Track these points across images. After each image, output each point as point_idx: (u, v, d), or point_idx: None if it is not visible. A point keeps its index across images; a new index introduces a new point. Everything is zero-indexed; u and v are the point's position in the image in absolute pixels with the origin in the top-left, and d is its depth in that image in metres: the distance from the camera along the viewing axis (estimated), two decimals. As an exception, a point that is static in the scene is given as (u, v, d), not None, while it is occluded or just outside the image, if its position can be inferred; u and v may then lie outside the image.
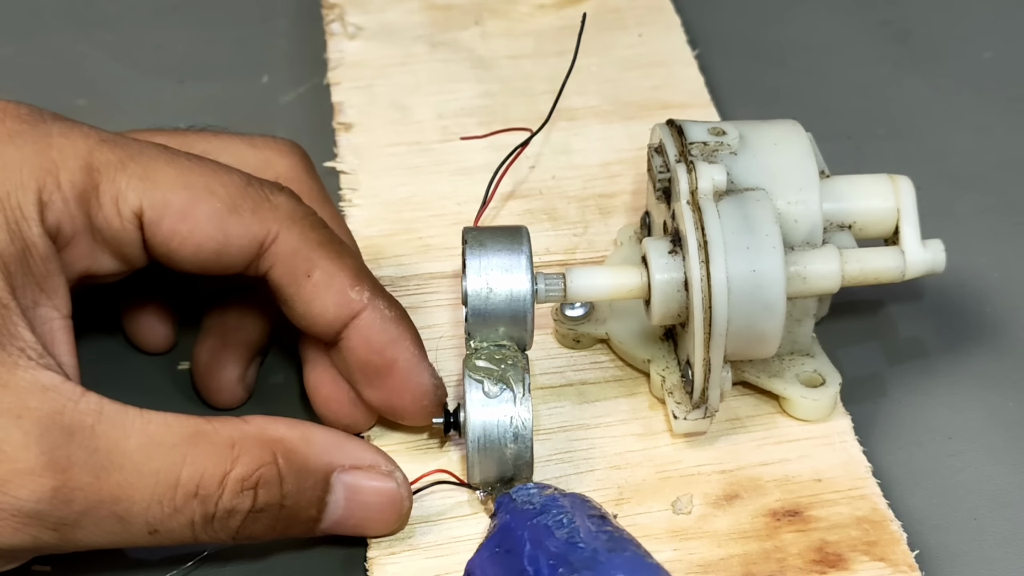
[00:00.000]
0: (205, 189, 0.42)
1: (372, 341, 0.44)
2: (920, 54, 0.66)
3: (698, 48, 0.64)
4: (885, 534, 0.44)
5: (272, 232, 0.43)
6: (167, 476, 0.39)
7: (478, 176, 0.55)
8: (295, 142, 0.49)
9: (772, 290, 0.43)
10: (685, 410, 0.46)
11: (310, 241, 0.43)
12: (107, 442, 0.38)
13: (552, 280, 0.45)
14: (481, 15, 0.66)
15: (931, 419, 0.49)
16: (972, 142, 0.60)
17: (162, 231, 0.42)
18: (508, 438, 0.43)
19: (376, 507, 0.42)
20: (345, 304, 0.43)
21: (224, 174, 0.43)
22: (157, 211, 0.42)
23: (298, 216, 0.44)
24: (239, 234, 0.43)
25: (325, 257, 0.43)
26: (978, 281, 0.54)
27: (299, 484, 0.41)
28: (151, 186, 0.42)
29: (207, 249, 0.43)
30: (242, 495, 0.40)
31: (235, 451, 0.40)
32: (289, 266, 0.43)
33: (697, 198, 0.44)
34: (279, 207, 0.43)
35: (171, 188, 0.42)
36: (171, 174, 0.42)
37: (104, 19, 0.68)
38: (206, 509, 0.39)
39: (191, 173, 0.43)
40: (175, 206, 0.42)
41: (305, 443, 0.41)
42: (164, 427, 0.39)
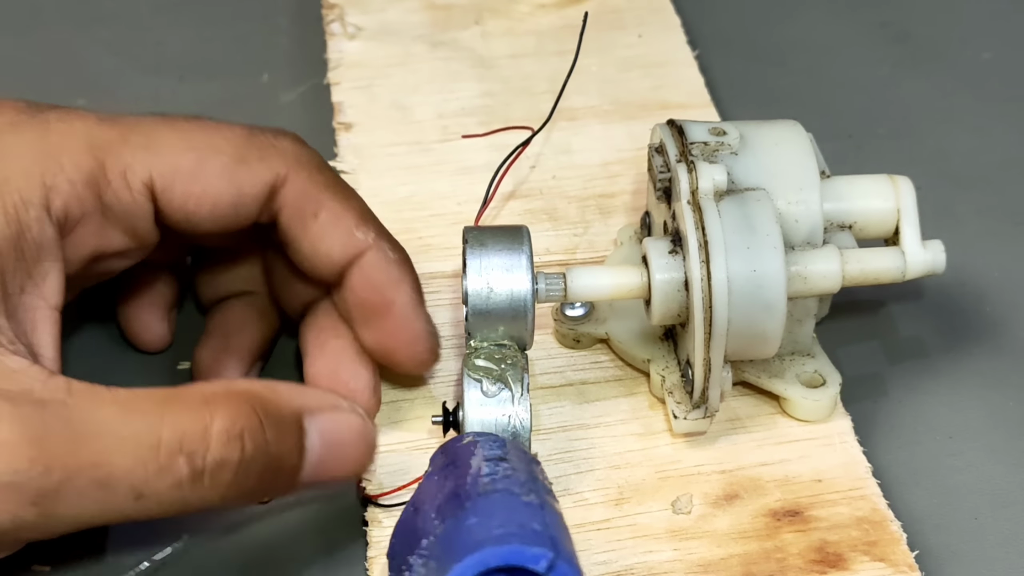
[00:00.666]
0: (210, 147, 0.43)
1: (373, 280, 0.44)
2: (920, 55, 0.66)
3: (698, 48, 0.64)
4: (885, 534, 0.44)
5: (281, 175, 0.44)
6: (147, 436, 0.38)
7: (478, 176, 0.55)
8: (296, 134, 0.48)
9: (773, 290, 0.43)
10: (685, 410, 0.46)
11: (317, 183, 0.44)
12: (81, 412, 0.38)
13: (552, 280, 0.45)
14: (481, 15, 0.66)
15: (931, 419, 0.49)
16: (972, 142, 0.60)
17: (176, 196, 0.43)
18: (506, 437, 0.43)
19: (349, 443, 0.42)
20: (350, 243, 0.44)
21: (226, 129, 0.44)
22: (167, 177, 0.42)
23: (304, 159, 0.44)
24: (251, 183, 0.43)
25: (332, 198, 0.44)
26: (978, 281, 0.54)
27: (278, 431, 0.40)
28: (156, 154, 0.42)
29: (223, 204, 0.43)
30: (230, 445, 0.39)
31: (210, 407, 0.39)
32: (297, 207, 0.44)
33: (698, 198, 0.44)
34: (285, 151, 0.44)
35: (177, 152, 0.43)
36: (174, 139, 0.43)
37: (104, 16, 0.68)
38: (194, 464, 0.38)
39: (193, 134, 0.43)
40: (184, 169, 0.43)
41: (273, 392, 0.41)
42: (135, 396, 0.39)
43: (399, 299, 0.45)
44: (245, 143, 0.44)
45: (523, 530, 0.35)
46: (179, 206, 0.43)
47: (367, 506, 0.45)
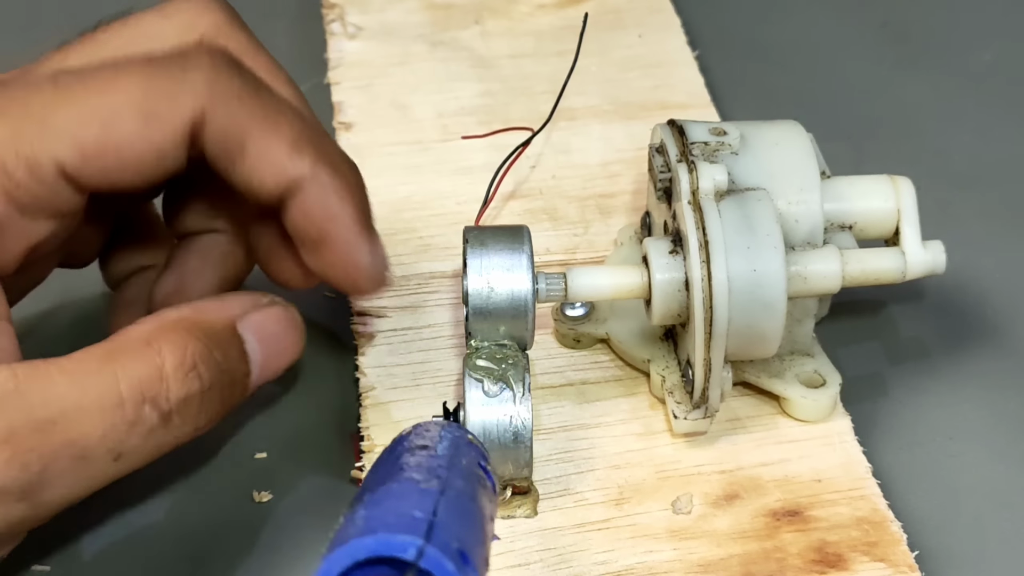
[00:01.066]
0: (111, 111, 0.39)
1: (309, 212, 0.42)
2: (920, 55, 0.66)
3: (698, 48, 0.64)
4: (885, 534, 0.44)
5: (197, 115, 0.40)
6: (109, 397, 0.38)
7: (478, 176, 0.55)
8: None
9: (773, 290, 0.43)
10: (685, 410, 0.46)
11: (238, 115, 0.40)
12: (37, 396, 0.37)
13: (553, 280, 0.45)
14: (481, 14, 0.66)
15: (932, 419, 0.49)
16: (972, 143, 0.60)
17: (93, 171, 0.40)
18: (508, 437, 0.43)
19: (282, 334, 0.43)
20: (282, 175, 0.41)
21: (125, 78, 0.40)
22: (75, 158, 0.39)
23: (220, 87, 0.40)
24: (165, 134, 0.40)
25: (258, 128, 0.41)
26: (979, 281, 0.54)
27: (222, 347, 0.40)
28: (56, 137, 0.39)
29: (146, 163, 0.40)
30: (188, 378, 0.39)
31: (154, 346, 0.39)
32: (221, 144, 0.41)
33: (698, 198, 0.44)
34: (196, 84, 0.40)
35: (77, 127, 0.39)
36: (70, 114, 0.39)
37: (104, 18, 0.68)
38: (161, 408, 0.39)
39: (89, 100, 0.39)
40: (90, 144, 0.39)
41: (200, 312, 0.41)
42: (80, 362, 0.38)
43: (336, 231, 0.42)
44: (148, 90, 0.39)
45: (400, 519, 0.33)
46: (100, 179, 0.40)
47: (367, 506, 0.45)
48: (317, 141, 0.42)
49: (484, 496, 0.37)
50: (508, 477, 0.44)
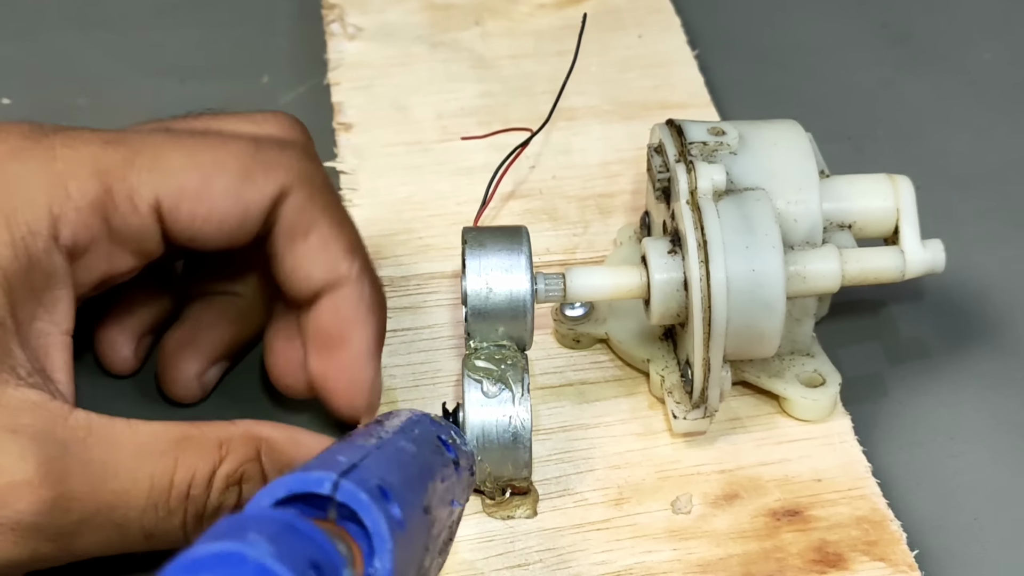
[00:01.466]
0: (215, 164, 0.42)
1: (340, 313, 0.43)
2: (920, 55, 0.66)
3: (698, 48, 0.64)
4: (885, 534, 0.44)
5: (284, 188, 0.43)
6: (161, 481, 0.39)
7: (478, 176, 0.55)
8: (295, 117, 0.48)
9: (772, 289, 0.43)
10: (685, 410, 0.46)
11: (315, 203, 0.43)
12: (100, 453, 0.39)
13: (552, 280, 0.45)
14: (481, 15, 0.66)
15: (932, 419, 0.49)
16: (972, 142, 0.60)
17: (183, 216, 0.42)
18: (507, 438, 0.43)
19: None
20: (332, 271, 0.43)
21: (232, 144, 0.43)
22: (174, 198, 0.42)
23: (308, 175, 0.43)
24: (256, 199, 0.43)
25: (327, 222, 0.43)
26: (978, 281, 0.54)
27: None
28: (163, 176, 0.42)
29: (229, 222, 0.43)
30: (228, 491, 0.40)
31: (223, 450, 0.40)
32: (291, 223, 0.43)
33: (696, 198, 0.44)
34: (290, 166, 0.43)
35: (182, 172, 0.42)
36: (179, 158, 0.42)
37: (105, 19, 0.68)
38: (196, 508, 0.40)
39: (199, 152, 0.43)
40: (190, 189, 0.42)
41: (292, 444, 0.41)
42: (152, 435, 0.40)
43: (356, 340, 0.44)
44: (251, 159, 0.43)
45: (324, 462, 0.33)
46: (186, 226, 0.42)
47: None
48: (366, 254, 0.45)
49: (435, 460, 0.38)
50: (508, 477, 0.44)
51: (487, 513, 0.44)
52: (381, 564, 0.32)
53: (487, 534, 0.44)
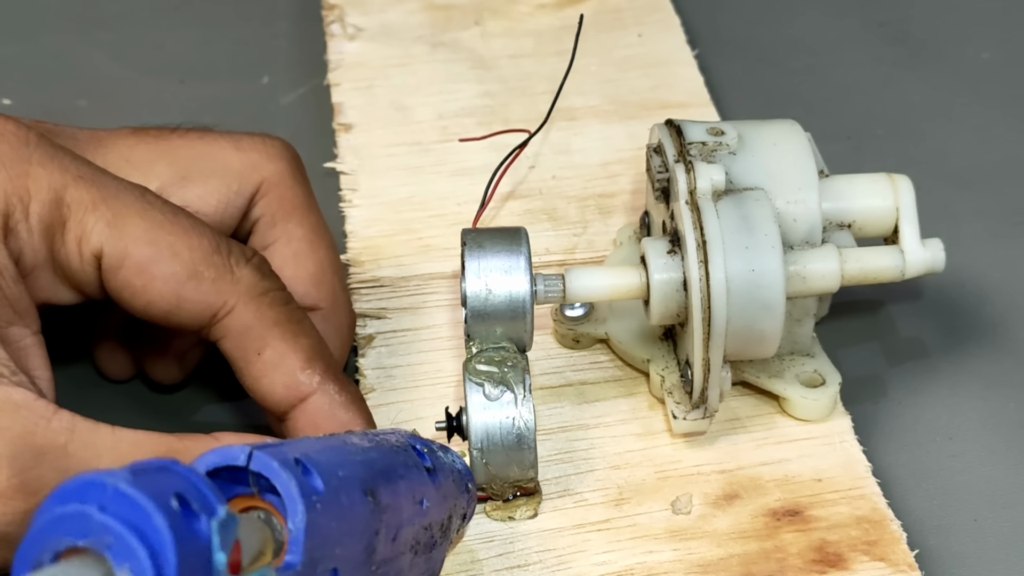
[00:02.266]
0: (169, 249, 0.41)
1: (319, 426, 0.43)
2: (919, 54, 0.66)
3: (697, 48, 0.64)
4: (885, 534, 0.44)
5: (228, 305, 0.42)
6: None
7: (478, 176, 0.55)
8: (286, 142, 0.48)
9: (771, 290, 0.43)
10: (685, 410, 0.46)
11: (265, 319, 0.42)
12: (79, 462, 0.38)
13: (551, 281, 0.45)
14: (481, 15, 0.66)
15: (931, 419, 0.49)
16: (971, 142, 0.60)
17: (118, 279, 0.41)
18: (511, 440, 0.43)
19: None
20: (293, 386, 0.42)
21: (194, 236, 0.42)
22: (116, 259, 0.41)
23: (258, 291, 0.42)
24: (193, 300, 0.42)
25: (279, 337, 0.42)
26: (978, 281, 0.54)
27: None
28: (116, 234, 0.41)
29: (158, 307, 0.42)
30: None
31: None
32: (240, 341, 0.42)
33: (696, 198, 0.44)
34: (240, 280, 0.42)
35: (135, 241, 0.41)
36: (139, 226, 0.41)
37: (105, 19, 0.68)
38: None
39: (160, 229, 0.42)
40: (134, 259, 0.41)
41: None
42: (135, 446, 0.39)
43: None
44: (205, 258, 0.42)
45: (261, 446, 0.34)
46: (116, 288, 0.42)
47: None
48: (328, 356, 0.44)
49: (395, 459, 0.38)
50: (514, 479, 0.44)
51: (487, 514, 0.45)
52: (294, 525, 0.32)
53: (487, 534, 0.44)
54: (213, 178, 0.46)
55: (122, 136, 0.46)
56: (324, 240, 0.48)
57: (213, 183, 0.46)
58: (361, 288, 0.52)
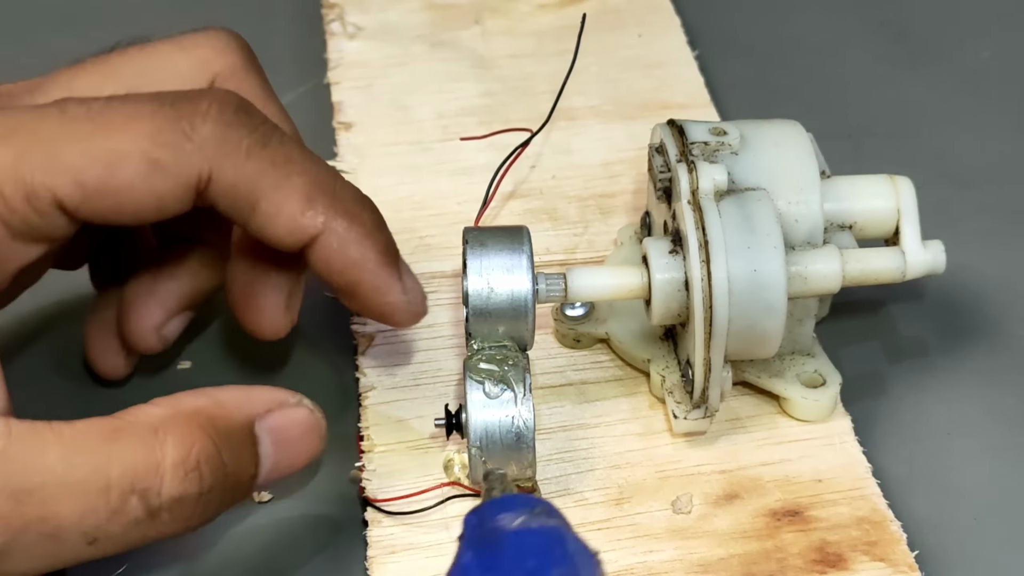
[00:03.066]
0: (117, 154, 0.38)
1: (331, 263, 0.41)
2: (919, 54, 0.66)
3: (698, 48, 0.64)
4: (885, 534, 0.44)
5: (203, 174, 0.39)
6: (96, 480, 0.36)
7: (478, 176, 0.55)
8: (233, 32, 0.46)
9: (773, 290, 0.43)
10: (685, 410, 0.46)
11: (247, 173, 0.40)
12: (22, 463, 0.36)
13: (553, 280, 0.45)
14: (481, 14, 0.66)
15: (931, 419, 0.49)
16: (972, 142, 0.61)
17: (89, 210, 0.39)
18: (510, 439, 0.43)
19: (300, 439, 0.41)
20: (298, 229, 0.40)
21: (135, 122, 0.39)
22: (75, 196, 0.38)
23: (230, 145, 0.39)
24: (170, 186, 0.39)
25: (268, 186, 0.40)
26: (978, 281, 0.54)
27: (232, 448, 0.39)
28: (60, 173, 0.38)
29: (145, 210, 0.39)
30: (187, 479, 0.37)
31: (159, 436, 0.37)
32: (231, 200, 0.40)
33: (698, 198, 0.44)
34: (204, 144, 0.39)
35: (81, 168, 0.38)
36: (76, 151, 0.38)
37: (104, 19, 0.68)
38: (149, 503, 0.37)
39: (97, 139, 0.38)
40: (91, 185, 0.38)
41: (219, 406, 0.39)
42: (79, 434, 0.37)
43: (362, 279, 0.42)
44: (157, 138, 0.38)
45: None
46: (94, 216, 0.39)
47: (367, 507, 0.45)
48: (330, 189, 0.41)
49: None
50: (512, 478, 0.44)
51: (488, 513, 0.45)
52: None
53: (488, 534, 0.44)
54: (163, 88, 0.43)
55: (60, 75, 0.44)
56: (290, 128, 0.46)
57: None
58: (361, 287, 0.52)
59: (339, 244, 0.41)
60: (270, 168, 0.40)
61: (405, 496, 0.45)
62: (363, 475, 0.46)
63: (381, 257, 0.42)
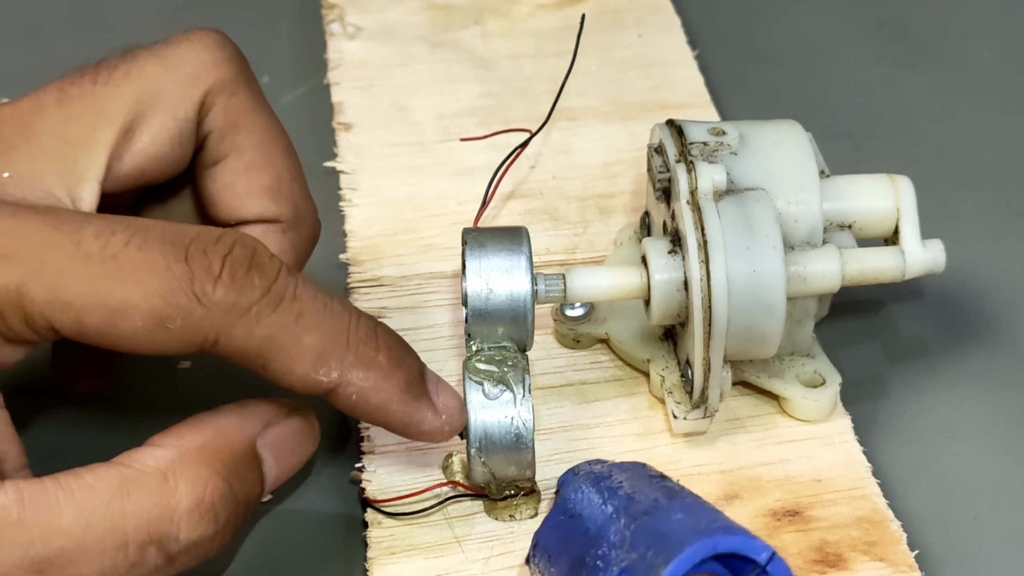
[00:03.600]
0: (124, 304, 0.37)
1: (355, 411, 0.41)
2: (918, 53, 0.66)
3: (698, 48, 0.64)
4: (885, 534, 0.44)
5: (211, 336, 0.38)
6: (113, 538, 0.36)
7: (478, 176, 0.55)
8: (221, 38, 0.45)
9: (772, 290, 0.43)
10: (685, 410, 0.46)
11: (256, 339, 0.38)
12: (39, 531, 0.36)
13: (552, 280, 0.45)
14: (481, 15, 0.66)
15: (931, 418, 0.49)
16: (971, 141, 0.61)
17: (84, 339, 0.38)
18: (510, 439, 0.43)
19: (298, 448, 0.41)
20: (313, 385, 0.39)
21: (148, 276, 0.37)
22: (73, 330, 0.37)
23: (240, 311, 0.38)
24: (169, 345, 0.38)
25: (279, 349, 0.39)
26: (978, 280, 0.54)
27: (241, 477, 0.39)
28: (61, 309, 0.37)
29: (140, 351, 0.38)
30: (203, 520, 0.37)
31: (170, 481, 0.37)
32: (238, 359, 0.39)
33: (697, 198, 0.44)
34: (215, 307, 0.38)
35: (84, 307, 0.37)
36: (82, 291, 0.37)
37: (105, 20, 0.68)
38: (167, 551, 0.37)
39: (107, 283, 0.37)
40: (91, 327, 0.37)
41: (221, 436, 0.39)
42: (90, 489, 0.36)
43: (390, 419, 0.41)
44: (167, 296, 0.37)
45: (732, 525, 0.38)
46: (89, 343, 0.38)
47: (367, 508, 0.45)
48: (343, 340, 0.40)
49: None
50: (512, 478, 0.44)
51: (488, 513, 0.45)
52: None
53: (488, 534, 0.44)
54: (156, 116, 0.43)
55: (48, 112, 0.43)
56: (279, 146, 0.45)
57: (158, 121, 0.43)
58: (361, 287, 0.52)
59: (358, 394, 0.40)
60: (280, 332, 0.39)
61: (405, 496, 0.45)
62: (363, 476, 0.46)
63: (404, 395, 0.41)
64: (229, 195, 0.44)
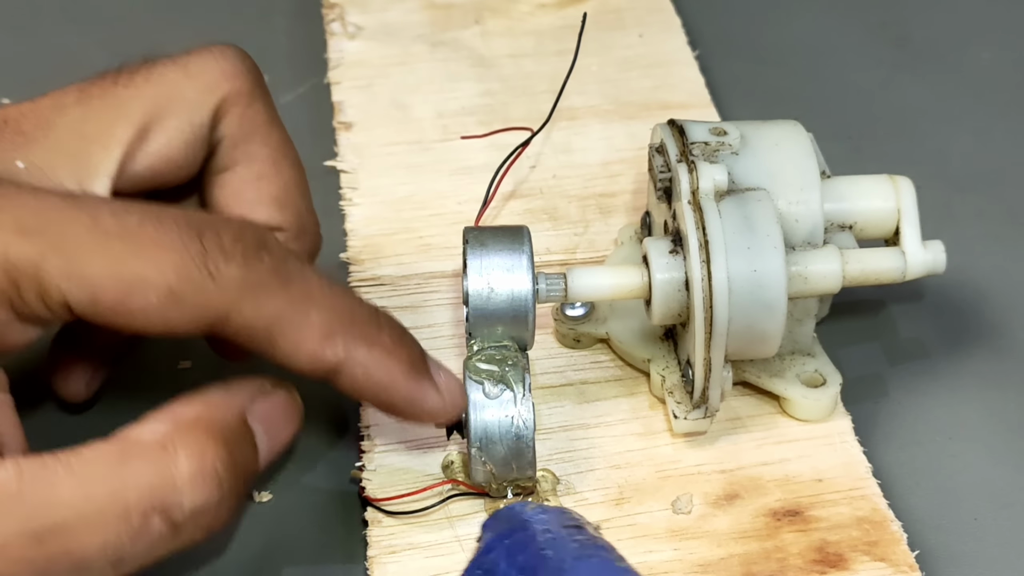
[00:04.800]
0: (139, 279, 0.38)
1: (360, 389, 0.41)
2: (919, 55, 0.66)
3: (698, 48, 0.64)
4: (885, 534, 0.44)
5: (222, 312, 0.39)
6: (114, 508, 0.36)
7: (478, 175, 0.55)
8: (240, 52, 0.46)
9: (773, 290, 0.43)
10: (685, 410, 0.46)
11: (265, 314, 0.39)
12: (38, 501, 0.36)
13: (553, 280, 0.45)
14: (481, 14, 0.66)
15: (932, 419, 0.49)
16: (972, 143, 0.61)
17: (95, 316, 0.38)
18: (510, 438, 0.43)
19: (285, 419, 0.41)
20: (320, 362, 0.40)
21: (162, 250, 0.38)
22: (88, 306, 0.38)
23: (249, 289, 0.39)
24: (180, 320, 0.39)
25: (287, 324, 0.40)
26: (978, 281, 0.54)
27: (239, 446, 0.39)
28: (77, 283, 0.38)
29: (147, 332, 0.39)
30: (207, 486, 0.37)
31: (169, 450, 0.37)
32: (247, 337, 0.40)
33: (698, 198, 0.44)
34: (227, 283, 0.39)
35: (100, 282, 0.38)
36: (99, 265, 0.38)
37: (104, 18, 0.68)
38: (171, 518, 0.37)
39: (123, 259, 0.38)
40: (105, 302, 0.38)
41: (212, 408, 0.39)
42: (89, 462, 0.37)
43: (394, 399, 0.42)
44: (180, 276, 0.38)
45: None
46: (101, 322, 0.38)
47: (367, 507, 0.45)
48: (348, 318, 0.41)
49: None
50: (512, 478, 0.44)
51: (489, 512, 0.44)
52: None
53: (488, 534, 0.44)
54: (172, 119, 0.44)
55: (68, 109, 0.44)
56: (288, 159, 0.46)
57: (173, 124, 0.44)
58: (361, 286, 0.52)
59: (363, 371, 0.41)
60: (288, 307, 0.40)
61: (405, 495, 0.45)
62: (363, 475, 0.46)
63: (408, 371, 0.42)
64: (237, 202, 0.45)
